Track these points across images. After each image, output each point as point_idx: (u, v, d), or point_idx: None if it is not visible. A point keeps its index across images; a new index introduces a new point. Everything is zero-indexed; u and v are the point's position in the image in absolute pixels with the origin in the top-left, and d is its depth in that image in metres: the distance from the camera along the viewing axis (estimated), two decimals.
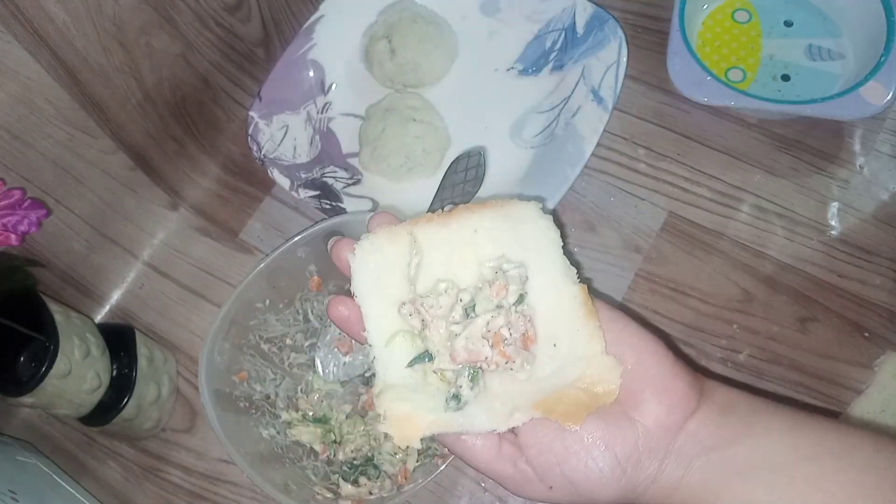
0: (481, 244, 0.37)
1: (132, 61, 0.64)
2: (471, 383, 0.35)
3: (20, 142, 0.59)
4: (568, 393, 0.35)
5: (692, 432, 0.35)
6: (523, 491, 0.36)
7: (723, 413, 0.36)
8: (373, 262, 0.37)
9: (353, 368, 0.65)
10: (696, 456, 0.35)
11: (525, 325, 0.36)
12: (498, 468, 0.36)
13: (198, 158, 0.78)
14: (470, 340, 0.35)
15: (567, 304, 0.36)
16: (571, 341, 0.36)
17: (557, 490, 0.35)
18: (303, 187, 0.72)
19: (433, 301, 0.36)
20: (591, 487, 0.35)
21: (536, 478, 0.36)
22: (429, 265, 0.37)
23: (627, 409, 0.36)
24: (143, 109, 0.68)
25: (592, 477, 0.35)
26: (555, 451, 0.35)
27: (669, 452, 0.35)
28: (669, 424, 0.35)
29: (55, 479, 0.66)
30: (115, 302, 0.76)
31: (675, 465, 0.35)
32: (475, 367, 0.35)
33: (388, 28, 0.76)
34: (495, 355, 0.35)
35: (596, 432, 0.35)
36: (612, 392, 0.35)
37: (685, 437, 0.35)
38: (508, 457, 0.36)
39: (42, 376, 0.56)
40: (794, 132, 0.71)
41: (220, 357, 0.60)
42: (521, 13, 0.77)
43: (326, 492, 0.60)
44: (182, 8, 0.66)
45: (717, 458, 0.35)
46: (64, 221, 0.67)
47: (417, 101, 0.74)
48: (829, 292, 0.65)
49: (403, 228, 0.37)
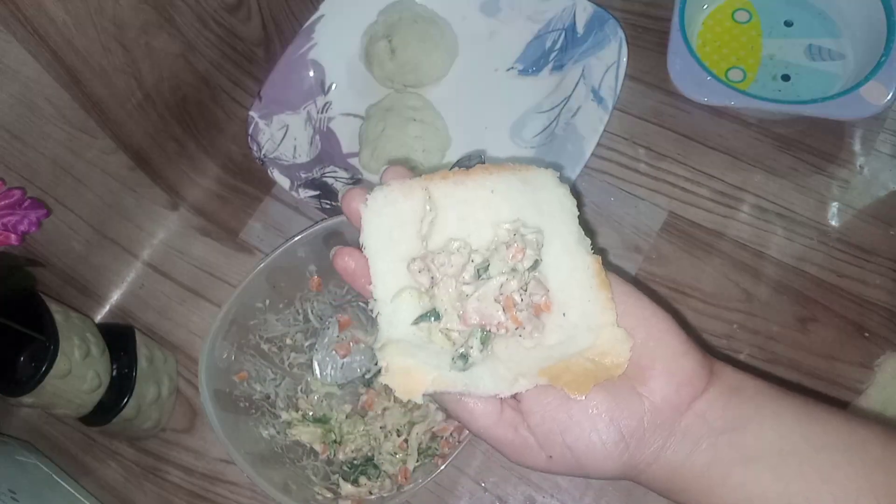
0: (497, 205, 0.36)
1: (132, 61, 0.64)
2: (481, 345, 0.34)
3: (20, 142, 0.59)
4: (575, 362, 0.34)
5: (699, 413, 0.35)
6: (523, 458, 0.36)
7: (732, 395, 0.35)
8: (385, 215, 0.36)
9: (352, 371, 0.65)
10: (703, 437, 0.34)
11: (540, 291, 0.35)
12: (498, 433, 0.36)
13: (198, 158, 0.78)
14: (482, 303, 0.34)
15: (580, 274, 0.35)
16: (582, 311, 0.35)
17: (557, 460, 0.35)
18: (303, 187, 0.72)
19: (445, 259, 0.35)
20: (591, 459, 0.34)
21: (537, 445, 0.35)
22: (442, 223, 0.36)
23: (635, 384, 0.35)
24: (143, 109, 0.68)
25: (594, 449, 0.34)
26: (558, 419, 0.34)
27: (675, 431, 0.34)
28: (677, 403, 0.35)
29: (55, 479, 0.66)
30: (115, 302, 0.76)
31: (680, 446, 0.34)
32: (486, 330, 0.35)
33: (389, 28, 0.76)
34: (507, 320, 0.34)
35: (601, 404, 0.34)
36: (621, 364, 0.34)
37: (692, 416, 0.35)
38: (509, 422, 0.35)
39: (42, 376, 0.56)
40: (794, 132, 0.71)
41: (220, 357, 0.60)
42: (521, 13, 0.77)
43: (326, 492, 0.60)
44: (182, 8, 0.66)
45: (725, 441, 0.34)
46: (64, 221, 0.67)
47: (417, 101, 0.74)
48: (829, 292, 0.65)
49: (418, 183, 0.36)
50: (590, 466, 0.35)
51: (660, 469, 0.35)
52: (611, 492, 0.61)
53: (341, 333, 0.65)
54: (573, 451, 0.34)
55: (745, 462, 0.34)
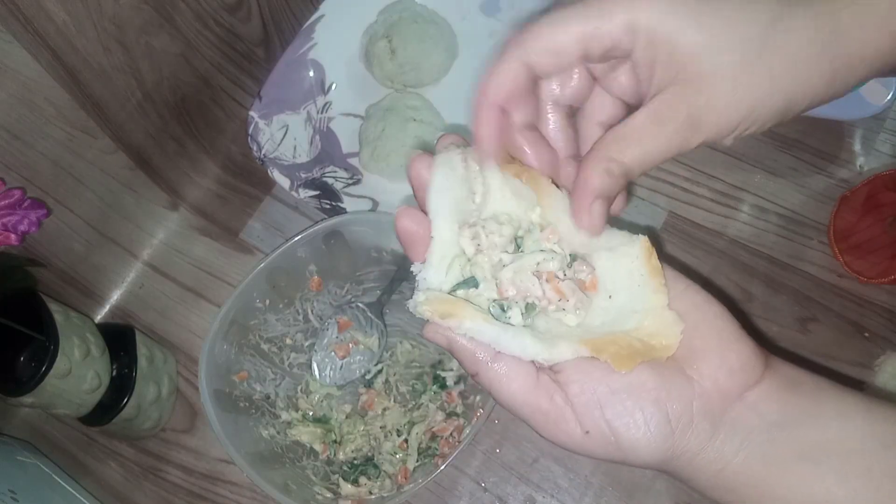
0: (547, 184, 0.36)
1: (132, 61, 0.64)
2: (522, 314, 0.34)
3: (20, 142, 0.59)
4: (622, 338, 0.33)
5: (752, 404, 0.32)
6: (556, 431, 0.33)
7: (789, 388, 0.33)
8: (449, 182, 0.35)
9: (350, 372, 0.65)
10: (756, 431, 0.31)
11: (586, 269, 0.34)
12: (532, 400, 0.33)
13: (198, 158, 0.78)
14: (518, 274, 0.34)
15: (627, 259, 0.34)
16: (630, 295, 0.34)
17: (594, 437, 0.32)
18: (303, 187, 0.72)
19: (494, 228, 0.35)
20: (632, 441, 0.31)
21: (574, 418, 0.32)
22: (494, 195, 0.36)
23: (685, 366, 0.32)
24: (143, 109, 0.68)
25: (637, 430, 0.31)
26: (599, 392, 0.32)
27: (724, 421, 0.32)
28: (728, 389, 0.32)
29: (55, 479, 0.66)
30: (115, 302, 0.76)
31: (730, 438, 0.32)
32: (529, 302, 0.34)
33: (389, 28, 0.76)
34: (548, 291, 0.34)
35: (648, 382, 0.32)
36: (671, 347, 0.32)
37: (743, 407, 0.32)
38: (545, 389, 0.33)
39: (42, 376, 0.56)
40: (794, 132, 0.71)
41: (220, 357, 0.60)
42: (521, 13, 0.77)
43: (326, 492, 0.60)
44: (182, 8, 0.66)
45: (783, 437, 0.31)
46: (64, 221, 0.67)
47: (417, 101, 0.74)
48: (829, 292, 0.65)
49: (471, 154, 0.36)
50: (629, 449, 0.32)
51: (705, 462, 0.32)
52: (611, 492, 0.61)
53: (340, 334, 0.65)
54: (613, 430, 0.32)
55: (806, 460, 0.31)
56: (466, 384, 0.65)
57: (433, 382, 0.65)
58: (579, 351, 0.32)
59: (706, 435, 0.32)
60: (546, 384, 0.33)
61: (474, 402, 0.63)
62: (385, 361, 0.68)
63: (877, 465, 0.30)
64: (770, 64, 0.30)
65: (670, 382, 0.32)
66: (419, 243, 0.35)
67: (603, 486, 0.62)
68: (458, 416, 0.63)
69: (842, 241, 0.65)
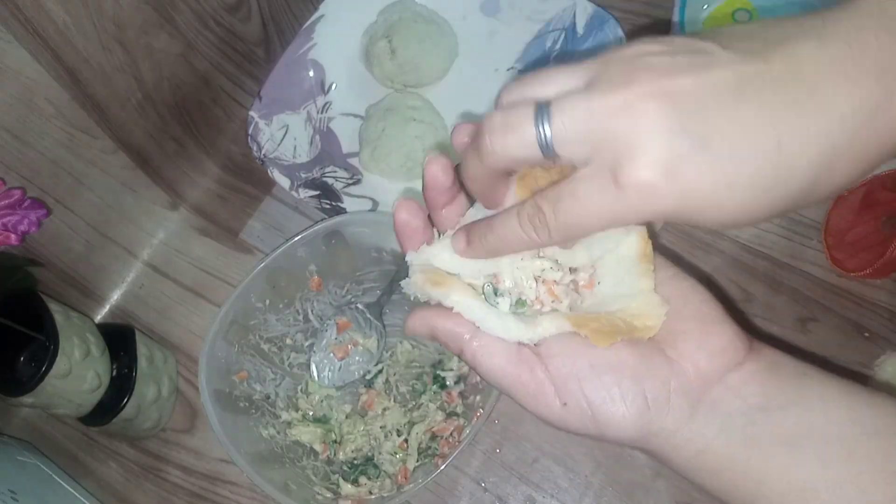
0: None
1: (132, 61, 0.64)
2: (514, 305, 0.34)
3: (20, 142, 0.59)
4: (605, 316, 0.33)
5: (733, 386, 0.32)
6: (536, 403, 0.33)
7: (771, 372, 0.33)
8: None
9: (349, 374, 0.65)
10: (737, 414, 0.32)
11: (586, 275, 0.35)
12: (513, 372, 0.33)
13: (198, 158, 0.78)
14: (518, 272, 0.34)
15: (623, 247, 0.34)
16: (618, 280, 0.34)
17: (572, 410, 0.32)
18: (303, 187, 0.72)
19: None
20: (608, 416, 0.32)
21: (552, 391, 0.33)
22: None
23: (665, 347, 0.33)
24: (143, 109, 0.68)
25: (613, 406, 0.32)
26: (578, 367, 0.32)
27: (703, 401, 0.32)
28: (708, 372, 0.32)
29: (55, 479, 0.66)
30: (115, 302, 0.76)
31: (709, 419, 0.32)
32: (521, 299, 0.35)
33: (389, 28, 0.76)
34: (542, 294, 0.34)
35: (628, 360, 0.32)
36: (653, 328, 0.33)
37: (724, 389, 0.32)
38: (526, 362, 0.33)
39: (42, 376, 0.56)
40: None
41: (220, 357, 0.60)
42: (521, 13, 0.77)
43: (326, 492, 0.60)
44: (182, 8, 0.66)
45: (764, 420, 0.31)
46: (64, 221, 0.67)
47: (417, 101, 0.74)
48: (829, 292, 0.65)
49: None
50: (605, 423, 0.32)
51: (684, 440, 0.32)
52: (611, 492, 0.61)
53: (339, 336, 0.65)
54: (590, 404, 0.32)
55: (788, 445, 0.31)
56: (466, 384, 0.65)
57: (433, 382, 0.65)
58: (562, 326, 0.33)
59: (684, 414, 0.32)
60: (527, 357, 0.33)
61: (474, 402, 0.63)
62: (385, 361, 0.68)
63: (858, 451, 0.30)
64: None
65: (649, 361, 0.32)
66: (415, 236, 0.36)
67: (603, 486, 0.62)
68: (458, 416, 0.63)
69: (837, 239, 0.65)
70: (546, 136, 0.29)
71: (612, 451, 0.62)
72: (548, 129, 0.29)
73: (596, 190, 0.28)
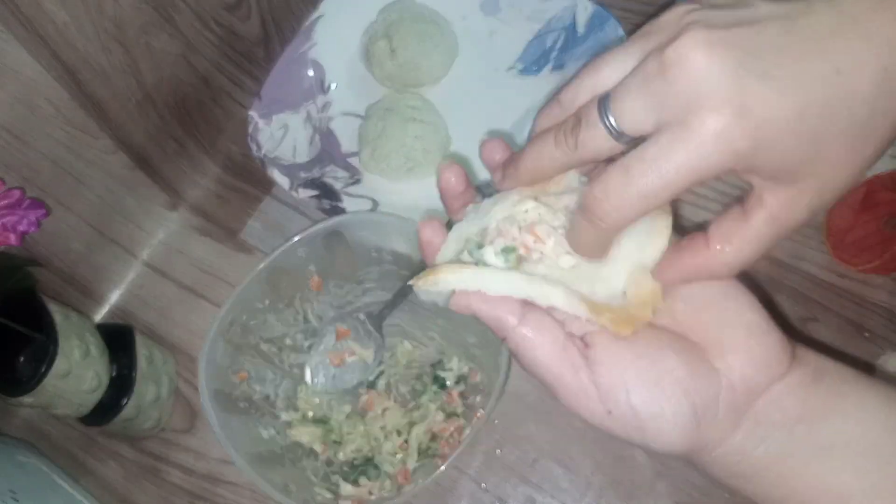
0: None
1: (132, 61, 0.64)
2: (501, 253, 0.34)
3: (20, 142, 0.59)
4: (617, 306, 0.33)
5: (776, 398, 0.32)
6: (578, 405, 0.32)
7: (813, 382, 0.32)
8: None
9: (342, 381, 0.65)
10: (778, 426, 0.31)
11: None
12: (556, 370, 0.32)
13: (198, 158, 0.78)
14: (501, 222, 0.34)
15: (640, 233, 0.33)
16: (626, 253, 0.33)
17: (617, 419, 0.32)
18: (303, 187, 0.72)
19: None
20: (656, 428, 0.31)
21: (596, 396, 0.32)
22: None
23: (712, 358, 0.32)
24: (143, 109, 0.68)
25: (664, 420, 0.31)
26: (626, 377, 0.31)
27: (747, 416, 0.32)
28: (755, 384, 0.32)
29: (55, 479, 0.66)
30: (115, 302, 0.76)
31: (751, 432, 0.32)
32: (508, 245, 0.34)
33: (389, 27, 0.76)
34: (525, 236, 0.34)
35: (677, 371, 0.31)
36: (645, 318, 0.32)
37: (767, 402, 0.32)
38: (571, 362, 0.32)
39: (42, 376, 0.56)
40: None
41: (220, 357, 0.60)
42: (521, 13, 0.77)
43: (326, 492, 0.60)
44: (182, 8, 0.66)
45: (803, 431, 0.31)
46: (64, 221, 0.67)
47: (417, 101, 0.74)
48: (829, 292, 0.65)
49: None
50: (653, 435, 0.32)
51: (725, 454, 0.32)
52: (611, 493, 0.61)
53: (337, 343, 0.65)
54: (637, 415, 0.31)
55: (824, 454, 0.31)
56: (466, 384, 0.65)
57: (433, 383, 0.65)
58: (577, 308, 0.32)
59: (729, 428, 0.32)
60: (573, 356, 0.33)
61: (474, 402, 0.63)
62: (385, 362, 0.68)
63: (893, 459, 0.30)
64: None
65: (698, 373, 0.32)
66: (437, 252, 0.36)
67: (603, 486, 0.62)
68: (458, 417, 0.63)
69: (838, 239, 0.65)
70: (614, 125, 0.29)
71: (612, 451, 0.62)
72: (613, 120, 0.29)
73: (669, 148, 0.28)
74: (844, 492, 0.31)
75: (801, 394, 0.32)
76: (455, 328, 0.65)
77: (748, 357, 0.32)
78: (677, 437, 0.31)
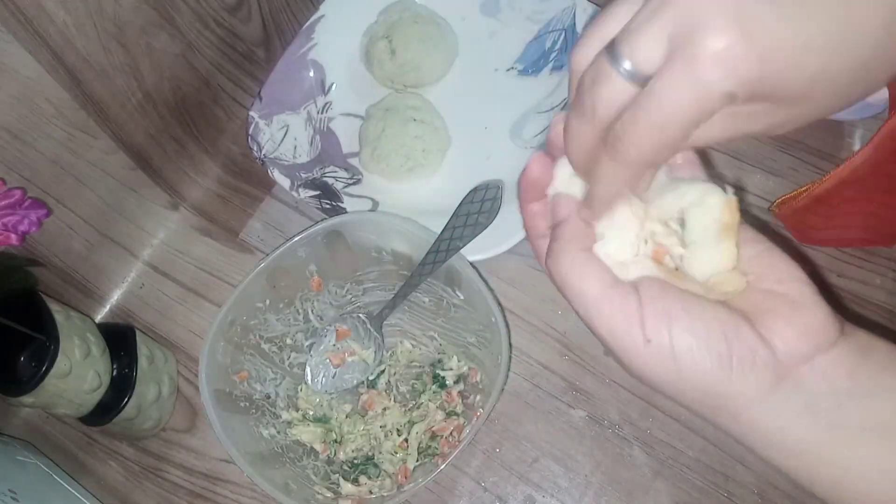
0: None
1: (132, 61, 0.64)
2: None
3: (20, 142, 0.59)
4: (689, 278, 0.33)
5: (821, 369, 0.31)
6: (616, 332, 0.32)
7: (862, 358, 0.31)
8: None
9: (342, 382, 0.65)
10: (823, 397, 0.30)
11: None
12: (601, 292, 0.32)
13: (198, 158, 0.78)
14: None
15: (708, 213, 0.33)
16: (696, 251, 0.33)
17: (653, 349, 0.31)
18: (303, 187, 0.73)
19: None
20: (691, 363, 0.31)
21: (639, 323, 0.31)
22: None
23: (757, 324, 0.32)
24: (143, 109, 0.68)
25: (699, 353, 0.31)
26: (673, 309, 0.31)
27: (788, 378, 0.31)
28: (796, 351, 0.31)
29: (55, 479, 0.66)
30: (116, 302, 0.76)
31: (791, 396, 0.31)
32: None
33: (389, 28, 0.76)
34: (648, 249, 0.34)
35: (722, 316, 0.31)
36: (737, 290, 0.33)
37: (810, 370, 0.31)
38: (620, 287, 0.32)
39: (42, 376, 0.56)
40: (794, 132, 0.71)
41: (221, 357, 0.61)
42: (521, 13, 0.77)
43: (326, 491, 0.60)
44: (182, 8, 0.66)
45: (852, 406, 0.30)
46: (64, 221, 0.67)
47: (417, 101, 0.74)
48: (829, 292, 0.65)
49: None
50: (685, 370, 0.31)
51: (762, 413, 0.31)
52: (610, 492, 0.61)
53: (338, 343, 0.65)
54: (674, 346, 0.31)
55: (880, 432, 0.30)
56: (466, 384, 0.65)
57: (433, 382, 0.65)
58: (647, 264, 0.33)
59: (766, 384, 0.31)
60: (622, 285, 0.33)
61: (474, 401, 0.63)
62: (385, 362, 0.68)
63: None
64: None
65: (742, 327, 0.31)
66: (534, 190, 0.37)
67: (603, 486, 0.62)
68: (457, 416, 0.64)
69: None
70: (626, 68, 0.28)
71: (612, 451, 0.62)
72: (626, 63, 0.28)
73: (675, 74, 0.27)
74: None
75: (850, 366, 0.31)
76: (455, 328, 0.65)
77: (790, 324, 0.32)
78: (709, 375, 0.31)
